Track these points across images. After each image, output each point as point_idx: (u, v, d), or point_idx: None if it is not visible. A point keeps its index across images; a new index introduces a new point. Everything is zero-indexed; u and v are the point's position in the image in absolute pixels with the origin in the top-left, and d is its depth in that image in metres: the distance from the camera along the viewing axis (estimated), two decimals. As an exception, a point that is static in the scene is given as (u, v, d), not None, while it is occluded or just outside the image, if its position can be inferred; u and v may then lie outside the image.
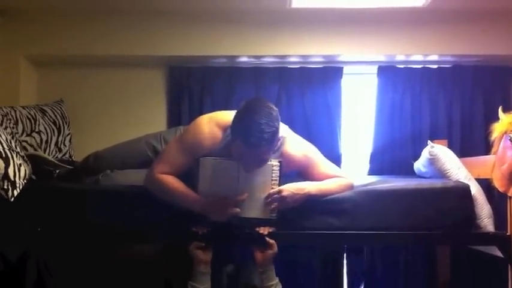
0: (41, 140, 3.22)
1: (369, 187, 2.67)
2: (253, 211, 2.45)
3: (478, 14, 3.55)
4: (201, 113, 2.76)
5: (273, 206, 2.43)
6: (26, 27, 3.59)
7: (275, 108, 2.37)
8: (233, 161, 2.43)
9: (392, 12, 3.48)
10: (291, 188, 2.45)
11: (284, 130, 2.58)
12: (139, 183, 2.60)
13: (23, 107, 3.25)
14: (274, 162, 2.46)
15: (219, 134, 2.51)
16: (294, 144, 2.60)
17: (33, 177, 2.67)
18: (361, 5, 3.35)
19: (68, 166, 2.89)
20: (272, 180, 2.45)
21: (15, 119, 3.05)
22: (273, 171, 2.45)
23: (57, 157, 3.30)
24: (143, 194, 2.55)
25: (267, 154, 2.37)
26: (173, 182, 2.48)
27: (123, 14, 3.57)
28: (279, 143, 2.47)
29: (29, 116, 3.20)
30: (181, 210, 2.48)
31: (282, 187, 2.44)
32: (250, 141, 2.27)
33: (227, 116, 2.51)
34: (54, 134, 3.36)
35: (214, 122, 2.54)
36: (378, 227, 2.56)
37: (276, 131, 2.32)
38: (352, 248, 3.63)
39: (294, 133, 2.68)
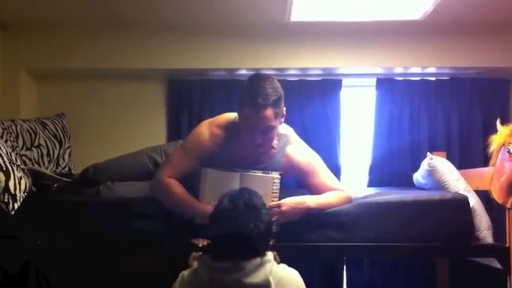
0: (42, 153, 3.23)
1: (368, 199, 2.68)
2: None
3: (475, 27, 3.57)
4: (201, 125, 2.79)
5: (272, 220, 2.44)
6: (26, 41, 3.62)
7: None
8: (235, 172, 2.47)
9: (390, 25, 3.51)
10: (290, 202, 2.46)
11: (290, 132, 2.67)
12: (140, 194, 2.62)
13: (24, 120, 3.26)
14: (275, 175, 2.48)
15: (220, 134, 2.57)
16: (298, 148, 2.65)
17: (34, 188, 2.69)
18: (359, 18, 3.37)
19: (66, 179, 2.90)
20: (273, 192, 2.47)
21: (15, 133, 3.06)
22: (274, 184, 2.48)
23: (55, 171, 3.30)
24: (143, 205, 2.57)
25: (273, 120, 2.43)
26: (179, 188, 2.52)
27: (123, 28, 3.59)
28: (284, 139, 2.59)
29: (29, 130, 3.21)
30: (182, 222, 2.49)
31: (281, 201, 2.45)
32: (257, 102, 2.37)
33: (227, 116, 2.61)
34: (55, 147, 3.37)
35: (215, 124, 2.61)
36: (377, 239, 2.57)
37: (280, 97, 2.44)
38: (352, 260, 3.63)
39: (299, 138, 2.71)
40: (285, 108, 2.50)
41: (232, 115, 2.61)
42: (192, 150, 2.58)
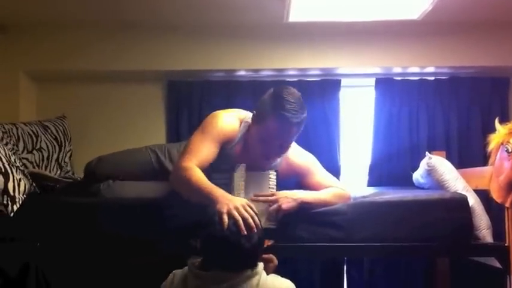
0: (43, 156, 3.22)
1: (367, 199, 2.69)
2: None
3: (473, 26, 3.58)
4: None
5: (270, 209, 2.40)
6: (25, 43, 3.63)
7: None
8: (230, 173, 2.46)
9: (389, 25, 3.51)
10: (285, 193, 2.45)
11: None
12: (140, 195, 2.62)
13: (25, 124, 3.25)
14: (270, 171, 2.49)
15: (237, 125, 2.56)
16: (295, 151, 2.65)
17: (37, 190, 2.70)
18: (358, 18, 3.37)
19: (68, 180, 2.91)
20: (269, 187, 2.48)
21: (16, 136, 3.06)
22: (270, 180, 2.49)
23: (59, 174, 3.30)
24: (143, 206, 2.57)
25: (293, 138, 2.45)
26: (199, 173, 2.33)
27: (122, 30, 3.60)
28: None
29: (31, 133, 3.20)
30: (182, 224, 2.48)
31: (275, 191, 2.46)
32: (287, 118, 2.34)
33: (242, 113, 2.61)
34: (55, 151, 3.36)
35: (234, 115, 2.59)
36: (376, 239, 2.56)
37: (304, 120, 2.42)
38: (352, 260, 3.63)
39: (295, 143, 2.71)
40: None
41: (245, 113, 2.60)
42: (215, 136, 2.45)
